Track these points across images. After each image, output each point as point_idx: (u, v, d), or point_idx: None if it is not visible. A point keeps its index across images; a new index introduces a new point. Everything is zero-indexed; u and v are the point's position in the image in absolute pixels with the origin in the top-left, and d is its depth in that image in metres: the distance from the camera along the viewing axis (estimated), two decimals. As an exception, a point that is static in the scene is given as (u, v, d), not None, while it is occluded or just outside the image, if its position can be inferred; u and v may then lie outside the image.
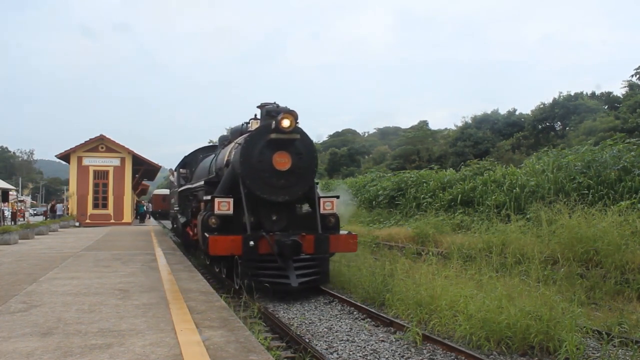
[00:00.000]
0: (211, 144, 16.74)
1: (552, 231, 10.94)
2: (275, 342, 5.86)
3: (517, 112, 52.02)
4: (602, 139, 22.60)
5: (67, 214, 27.55)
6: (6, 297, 5.78)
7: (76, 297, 5.86)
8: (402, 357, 5.46)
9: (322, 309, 7.82)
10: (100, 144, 27.33)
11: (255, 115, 10.28)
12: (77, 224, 25.57)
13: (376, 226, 20.45)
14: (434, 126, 60.47)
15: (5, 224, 26.20)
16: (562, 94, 46.79)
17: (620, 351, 5.42)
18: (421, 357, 5.43)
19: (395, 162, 47.98)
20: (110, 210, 27.34)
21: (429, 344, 5.77)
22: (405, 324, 6.28)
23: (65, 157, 27.35)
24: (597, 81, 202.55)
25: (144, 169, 30.67)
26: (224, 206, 8.65)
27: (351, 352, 5.60)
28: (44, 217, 30.65)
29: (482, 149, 43.03)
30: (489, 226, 14.04)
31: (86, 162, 27.07)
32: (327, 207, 9.31)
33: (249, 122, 10.42)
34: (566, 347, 5.14)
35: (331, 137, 77.74)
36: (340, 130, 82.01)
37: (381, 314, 7.04)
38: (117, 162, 27.43)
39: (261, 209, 9.00)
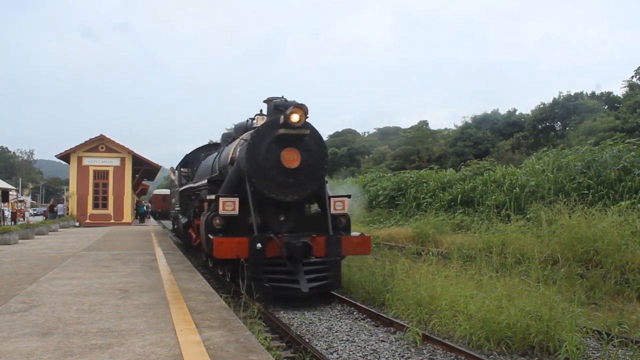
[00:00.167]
0: (213, 143, 16.30)
1: (552, 231, 10.94)
2: (275, 342, 5.85)
3: (517, 112, 52.11)
4: (602, 139, 22.61)
5: (68, 214, 27.56)
6: (6, 297, 5.78)
7: (76, 297, 5.86)
8: (402, 357, 5.45)
9: (322, 309, 7.81)
10: (100, 144, 27.35)
11: (260, 110, 9.76)
12: (77, 224, 25.58)
13: (376, 226, 20.44)
14: (434, 126, 60.64)
15: (5, 224, 26.21)
16: (562, 94, 46.88)
17: (620, 351, 5.42)
18: (421, 357, 5.43)
19: (395, 162, 47.95)
20: (110, 210, 27.37)
21: (429, 344, 5.77)
22: (405, 324, 6.27)
23: (65, 157, 27.38)
24: (597, 81, 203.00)
25: (144, 169, 30.69)
26: (229, 206, 8.15)
27: (351, 352, 5.60)
28: (44, 217, 30.66)
29: (482, 149, 43.05)
30: (489, 226, 14.04)
31: (86, 162, 27.09)
32: (337, 207, 8.76)
33: (254, 118, 9.91)
34: (566, 347, 5.14)
35: (331, 137, 77.62)
36: (340, 130, 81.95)
37: (381, 314, 7.03)
38: (117, 162, 27.45)
39: (268, 209, 8.51)
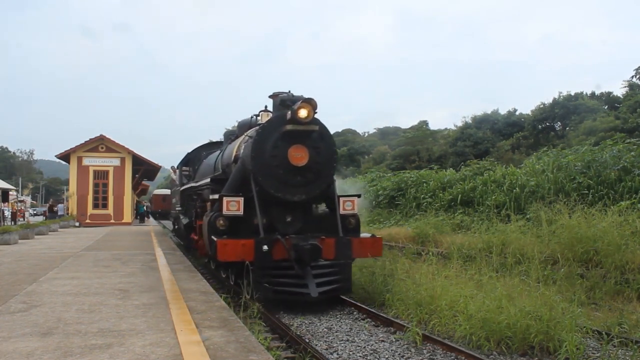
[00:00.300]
0: (215, 142, 15.95)
1: (552, 231, 10.94)
2: (275, 342, 5.85)
3: (517, 112, 52.07)
4: (602, 139, 22.63)
5: (67, 214, 27.56)
6: (6, 297, 5.78)
7: (76, 297, 5.87)
8: (402, 357, 5.45)
9: (322, 309, 7.81)
10: (100, 144, 27.35)
11: (265, 106, 9.38)
12: (77, 224, 25.58)
13: (376, 226, 20.43)
14: (434, 126, 60.64)
15: (5, 224, 26.20)
16: (562, 94, 46.82)
17: (620, 351, 5.42)
18: (421, 357, 5.43)
19: (395, 162, 47.92)
20: (110, 210, 27.38)
21: (429, 344, 5.77)
22: (405, 324, 6.27)
23: (65, 157, 27.38)
24: (597, 81, 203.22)
25: (144, 169, 30.70)
26: (233, 206, 7.77)
27: (351, 352, 5.60)
28: (44, 217, 30.65)
29: (482, 149, 43.03)
30: (489, 226, 14.03)
31: (86, 162, 27.10)
32: (347, 207, 8.36)
33: (258, 115, 9.54)
34: (566, 347, 5.15)
35: (331, 137, 77.43)
36: (340, 130, 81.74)
37: (381, 314, 7.03)
38: (117, 162, 27.45)
39: (274, 209, 8.14)
